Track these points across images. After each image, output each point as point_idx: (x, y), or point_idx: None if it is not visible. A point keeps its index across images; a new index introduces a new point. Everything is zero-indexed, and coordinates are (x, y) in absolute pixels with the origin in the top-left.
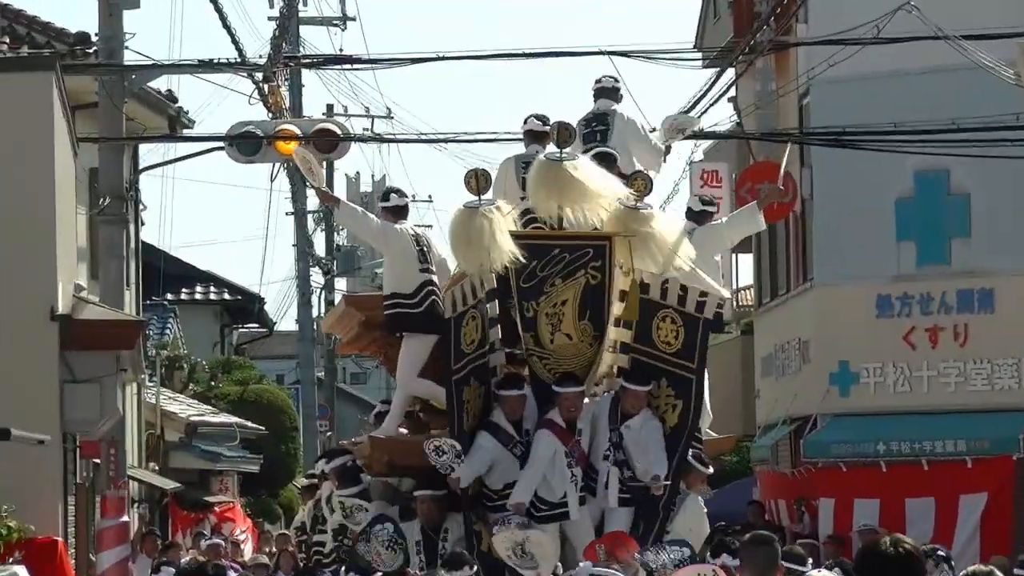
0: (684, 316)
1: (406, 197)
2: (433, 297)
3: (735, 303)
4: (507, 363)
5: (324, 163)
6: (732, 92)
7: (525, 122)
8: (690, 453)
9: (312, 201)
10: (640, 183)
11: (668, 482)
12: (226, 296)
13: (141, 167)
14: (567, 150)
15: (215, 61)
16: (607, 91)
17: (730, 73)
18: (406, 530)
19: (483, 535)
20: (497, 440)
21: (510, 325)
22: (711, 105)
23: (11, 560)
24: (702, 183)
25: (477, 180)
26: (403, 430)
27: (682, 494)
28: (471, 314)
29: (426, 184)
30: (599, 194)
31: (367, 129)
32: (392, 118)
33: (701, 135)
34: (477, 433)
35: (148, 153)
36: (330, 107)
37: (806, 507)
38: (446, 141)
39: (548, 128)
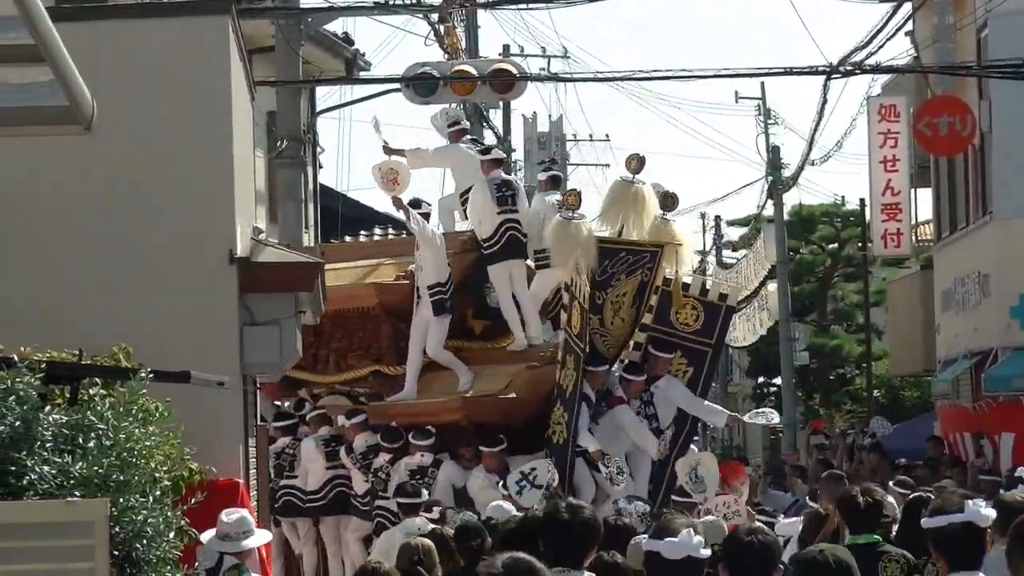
0: (704, 304)
1: (430, 206)
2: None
3: (914, 238)
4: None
5: (500, 103)
6: (909, 26)
7: (488, 152)
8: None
9: (488, 140)
10: (670, 202)
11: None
12: (404, 237)
13: (318, 110)
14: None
15: (391, 3)
16: (499, 162)
17: (907, 7)
18: (476, 474)
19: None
20: (587, 407)
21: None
22: (888, 39)
23: (193, 501)
24: (880, 118)
25: (570, 197)
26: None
27: None
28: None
29: (603, 124)
30: (653, 212)
31: (543, 69)
32: (568, 57)
33: (879, 69)
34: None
35: (325, 96)
36: (506, 47)
37: (987, 441)
38: (623, 80)
39: (505, 157)
